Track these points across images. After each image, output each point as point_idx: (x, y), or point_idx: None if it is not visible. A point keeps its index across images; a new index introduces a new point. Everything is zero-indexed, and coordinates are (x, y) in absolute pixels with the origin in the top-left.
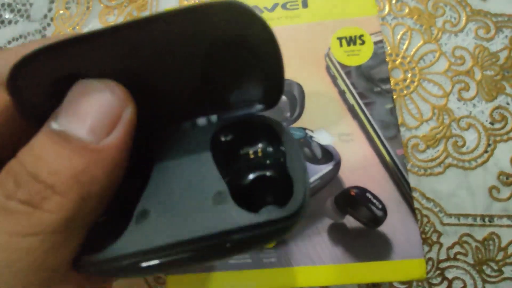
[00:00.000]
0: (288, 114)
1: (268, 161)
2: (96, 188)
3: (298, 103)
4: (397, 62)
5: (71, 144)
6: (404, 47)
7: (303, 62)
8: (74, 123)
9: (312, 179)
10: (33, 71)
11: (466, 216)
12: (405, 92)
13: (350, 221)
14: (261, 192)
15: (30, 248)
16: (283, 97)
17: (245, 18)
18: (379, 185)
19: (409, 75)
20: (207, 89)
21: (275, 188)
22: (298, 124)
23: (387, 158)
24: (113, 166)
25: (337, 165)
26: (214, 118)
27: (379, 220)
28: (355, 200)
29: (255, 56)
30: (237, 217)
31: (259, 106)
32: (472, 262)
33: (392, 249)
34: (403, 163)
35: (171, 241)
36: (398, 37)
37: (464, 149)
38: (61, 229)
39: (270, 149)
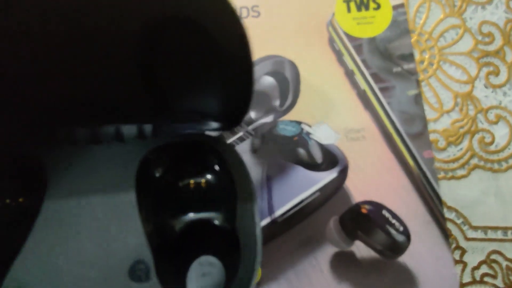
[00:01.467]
0: (278, 103)
1: (211, 199)
2: None
3: (291, 88)
4: (413, 40)
5: None
6: (421, 22)
7: (298, 33)
8: None
9: (309, 191)
10: None
11: (495, 229)
12: (422, 76)
13: (360, 249)
14: (198, 238)
15: None
16: (272, 80)
17: None
18: (400, 199)
19: (427, 56)
20: (145, 85)
21: (217, 235)
22: (291, 116)
23: (411, 162)
24: None
25: (343, 172)
26: (148, 128)
27: (400, 247)
28: (368, 220)
29: (213, 47)
30: None
31: (213, 125)
32: (502, 285)
33: (418, 287)
34: (432, 170)
35: None
36: (414, 9)
37: (492, 147)
38: None
39: (215, 182)
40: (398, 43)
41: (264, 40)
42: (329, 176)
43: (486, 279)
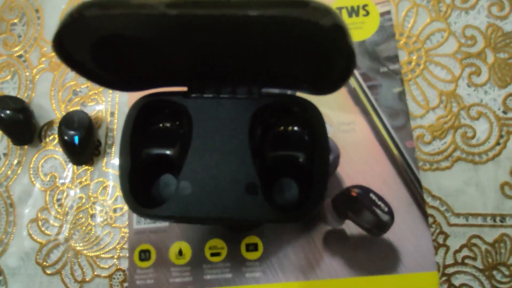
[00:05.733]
0: None
1: (298, 143)
2: None
3: None
4: (402, 42)
5: None
6: (409, 25)
7: None
8: None
9: None
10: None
11: (475, 215)
12: (409, 76)
13: (350, 227)
14: (284, 167)
15: None
16: None
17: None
18: (385, 184)
19: (414, 57)
20: (261, 62)
21: (298, 168)
22: None
23: (395, 151)
24: None
25: (336, 160)
26: (255, 90)
27: (385, 226)
28: (357, 202)
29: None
30: (263, 211)
31: (306, 90)
32: (481, 267)
33: (400, 261)
34: (413, 158)
35: (209, 216)
36: (403, 14)
37: (474, 141)
38: None
39: (300, 132)
40: (385, 46)
41: None
42: None
43: (467, 261)
